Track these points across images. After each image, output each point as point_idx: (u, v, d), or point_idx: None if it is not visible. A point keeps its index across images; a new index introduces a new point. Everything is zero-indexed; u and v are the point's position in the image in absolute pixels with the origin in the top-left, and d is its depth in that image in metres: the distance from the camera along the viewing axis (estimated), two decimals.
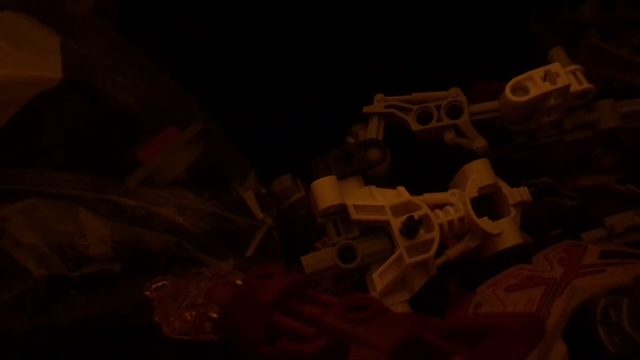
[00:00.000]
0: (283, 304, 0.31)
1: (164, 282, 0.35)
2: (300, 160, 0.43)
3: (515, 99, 0.39)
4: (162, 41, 0.57)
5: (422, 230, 0.38)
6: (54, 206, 0.40)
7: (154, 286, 0.35)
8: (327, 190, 0.39)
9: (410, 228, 0.37)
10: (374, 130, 0.43)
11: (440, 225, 0.39)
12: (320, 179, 0.39)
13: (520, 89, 0.39)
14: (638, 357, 0.31)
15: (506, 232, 0.40)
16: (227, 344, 0.33)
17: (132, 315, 0.39)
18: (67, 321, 0.38)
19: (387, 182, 0.43)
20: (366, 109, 0.43)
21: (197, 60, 0.60)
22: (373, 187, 0.41)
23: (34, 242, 0.38)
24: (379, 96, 0.43)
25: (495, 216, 0.40)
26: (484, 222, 0.40)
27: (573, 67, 0.40)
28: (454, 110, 0.42)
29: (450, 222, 0.39)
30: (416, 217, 0.38)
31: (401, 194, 0.40)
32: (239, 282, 0.34)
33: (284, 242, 0.49)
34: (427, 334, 0.26)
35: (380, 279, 0.38)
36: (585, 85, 0.40)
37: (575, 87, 0.40)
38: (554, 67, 0.39)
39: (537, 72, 0.39)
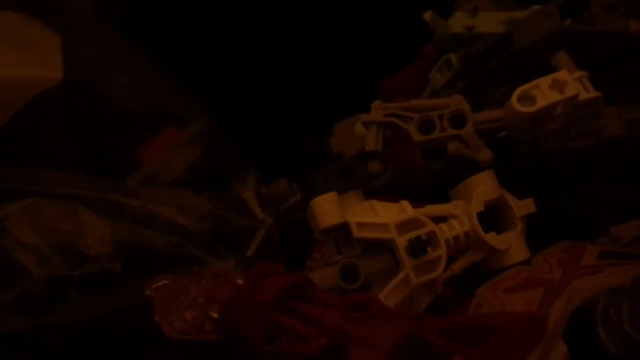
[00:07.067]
0: (284, 303, 0.31)
1: (165, 281, 0.35)
2: (300, 160, 0.43)
3: (522, 109, 0.37)
4: (162, 41, 0.57)
5: (429, 248, 0.36)
6: (54, 206, 0.40)
7: (154, 286, 0.35)
8: (327, 209, 0.37)
9: (419, 248, 0.36)
10: (372, 140, 0.40)
11: (446, 241, 0.37)
12: (320, 197, 0.38)
13: (526, 97, 0.38)
14: (638, 357, 0.31)
15: (513, 247, 0.39)
16: (228, 344, 0.33)
17: (132, 315, 0.39)
18: (67, 321, 0.38)
19: (385, 191, 0.42)
20: (364, 117, 0.41)
21: (197, 60, 0.60)
22: (374, 202, 0.39)
23: (34, 242, 0.38)
24: (376, 103, 0.40)
25: (499, 226, 0.40)
26: (491, 238, 0.39)
27: (579, 73, 0.39)
28: (457, 120, 0.40)
29: (456, 237, 0.38)
30: (423, 235, 0.36)
31: (405, 209, 0.38)
32: (239, 281, 0.34)
33: (282, 244, 0.49)
34: (427, 334, 0.26)
35: (386, 300, 0.36)
36: (593, 93, 0.39)
37: (583, 95, 0.38)
38: (562, 75, 0.38)
39: (545, 81, 0.37)
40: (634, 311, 0.32)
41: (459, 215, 0.39)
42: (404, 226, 0.37)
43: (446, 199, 0.41)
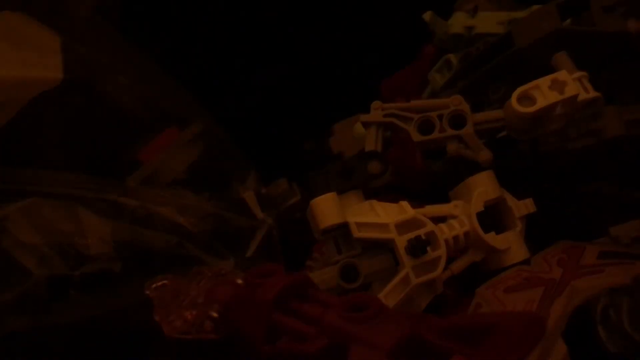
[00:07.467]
0: (284, 303, 0.31)
1: (165, 281, 0.35)
2: (300, 160, 0.43)
3: (522, 109, 0.37)
4: (162, 41, 0.57)
5: (428, 248, 0.37)
6: (54, 206, 0.40)
7: (154, 286, 0.35)
8: (327, 209, 0.38)
9: (418, 248, 0.36)
10: (372, 140, 0.40)
11: (446, 241, 0.37)
12: (320, 198, 0.38)
13: (526, 98, 0.37)
14: (638, 356, 0.31)
15: (513, 247, 0.39)
16: (228, 344, 0.33)
17: (132, 315, 0.39)
18: (67, 321, 0.38)
19: (385, 191, 0.42)
20: (364, 118, 0.41)
21: (197, 60, 0.60)
22: (374, 202, 0.39)
23: (34, 242, 0.38)
24: (376, 104, 0.40)
25: (498, 226, 0.40)
26: (491, 238, 0.39)
27: (579, 73, 0.39)
28: (457, 120, 0.40)
29: (456, 238, 0.38)
30: (422, 235, 0.36)
31: (405, 209, 0.38)
32: (239, 281, 0.34)
33: (282, 244, 0.49)
34: (427, 334, 0.26)
35: (386, 300, 0.36)
36: (593, 93, 0.38)
37: (582, 96, 0.38)
38: (562, 75, 0.37)
39: (544, 81, 0.37)
40: (633, 311, 0.32)
41: (459, 216, 0.39)
42: (403, 226, 0.37)
43: (446, 199, 0.41)
